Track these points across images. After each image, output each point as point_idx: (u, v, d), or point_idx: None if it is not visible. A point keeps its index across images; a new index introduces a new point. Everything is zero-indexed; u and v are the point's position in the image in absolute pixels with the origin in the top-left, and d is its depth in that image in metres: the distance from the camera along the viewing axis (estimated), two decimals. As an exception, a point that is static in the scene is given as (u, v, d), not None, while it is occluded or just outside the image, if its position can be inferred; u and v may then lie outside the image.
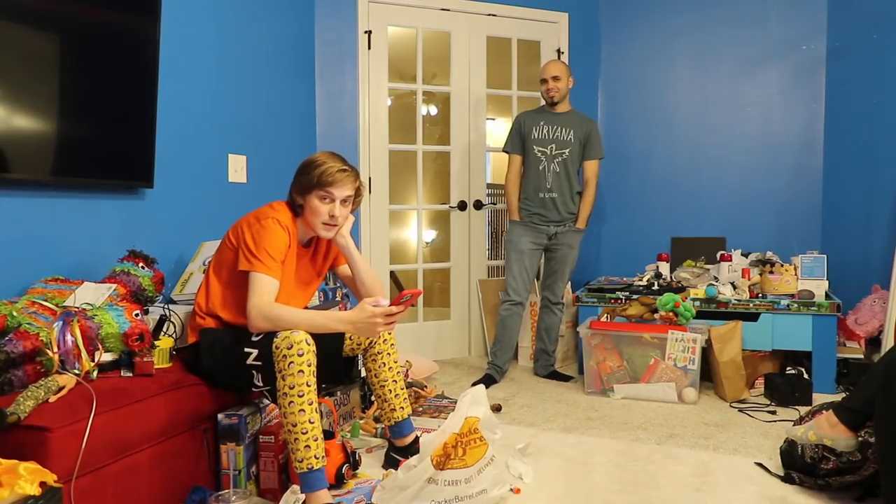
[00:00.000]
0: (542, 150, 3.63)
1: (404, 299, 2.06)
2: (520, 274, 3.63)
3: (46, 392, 1.63)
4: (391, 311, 2.05)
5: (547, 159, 3.63)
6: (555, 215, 3.64)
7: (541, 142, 3.63)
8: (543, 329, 3.80)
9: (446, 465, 1.91)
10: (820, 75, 4.21)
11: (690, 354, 3.20)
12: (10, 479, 1.29)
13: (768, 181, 4.33)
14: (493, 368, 3.66)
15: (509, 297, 3.64)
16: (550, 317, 3.77)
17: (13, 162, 2.06)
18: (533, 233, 3.64)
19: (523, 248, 3.63)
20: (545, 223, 3.64)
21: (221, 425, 2.10)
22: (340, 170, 2.17)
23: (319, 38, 3.88)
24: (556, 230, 3.65)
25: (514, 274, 3.63)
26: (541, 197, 3.63)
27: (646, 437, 2.74)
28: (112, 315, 1.95)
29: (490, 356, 3.72)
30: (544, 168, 3.63)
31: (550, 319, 3.77)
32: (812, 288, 3.41)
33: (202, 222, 2.94)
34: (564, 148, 3.63)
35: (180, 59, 2.78)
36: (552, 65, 3.66)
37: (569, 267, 3.73)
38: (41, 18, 2.11)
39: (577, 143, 3.65)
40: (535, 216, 3.64)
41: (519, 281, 3.63)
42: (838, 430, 2.02)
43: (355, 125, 3.97)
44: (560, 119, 3.65)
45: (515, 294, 3.63)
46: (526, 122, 3.68)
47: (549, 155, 3.63)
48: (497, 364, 3.67)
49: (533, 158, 3.64)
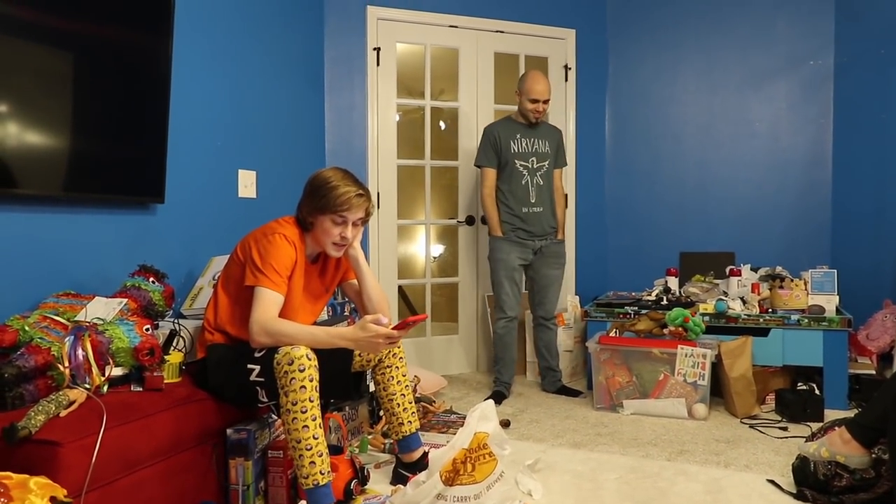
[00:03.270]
0: (523, 164, 3.58)
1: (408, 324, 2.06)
2: (511, 290, 3.59)
3: (57, 406, 1.64)
4: (392, 334, 2.04)
5: (529, 173, 3.59)
6: (539, 230, 3.61)
7: (522, 155, 3.58)
8: (543, 347, 3.75)
9: (455, 481, 1.90)
10: (828, 90, 4.21)
11: (700, 370, 3.18)
12: (20, 493, 1.30)
13: (777, 196, 4.32)
14: (502, 385, 3.64)
15: (505, 315, 3.61)
16: (547, 334, 3.74)
17: (26, 178, 2.09)
18: (519, 248, 3.60)
19: (513, 263, 3.59)
20: (530, 238, 3.60)
21: (230, 440, 2.10)
22: (358, 194, 2.16)
23: (329, 54, 3.92)
24: (541, 244, 3.63)
25: (507, 290, 3.59)
26: (525, 212, 3.58)
27: (656, 453, 2.72)
28: (123, 330, 1.96)
29: (496, 374, 3.70)
30: (527, 182, 3.59)
31: (548, 336, 3.74)
32: (822, 303, 3.39)
33: (212, 237, 2.95)
34: (544, 160, 3.63)
35: (191, 76, 2.81)
36: (545, 86, 3.52)
37: (559, 281, 3.71)
38: (54, 36, 2.14)
39: (552, 155, 3.66)
40: (519, 231, 3.58)
41: (512, 297, 3.60)
42: (851, 446, 2.00)
43: (364, 140, 3.99)
44: (537, 131, 3.63)
45: (510, 310, 3.60)
46: (501, 135, 3.58)
47: (532, 168, 3.60)
48: (505, 381, 3.65)
49: (515, 173, 3.58)
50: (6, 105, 2.00)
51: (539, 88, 3.53)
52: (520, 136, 3.60)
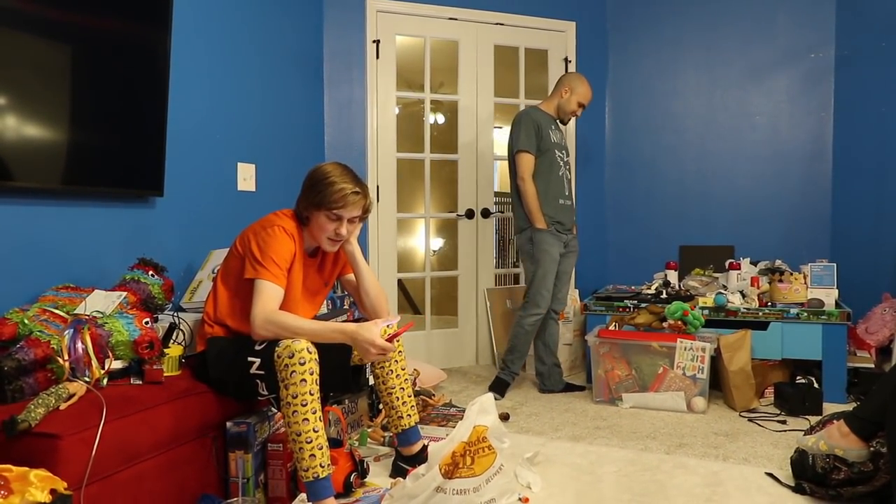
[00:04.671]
0: (560, 156, 3.52)
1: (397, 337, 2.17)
2: (550, 285, 3.46)
3: (57, 399, 1.64)
4: (386, 347, 2.07)
5: (563, 165, 3.54)
6: (569, 223, 3.56)
7: (558, 146, 3.51)
8: (550, 342, 3.62)
9: (455, 474, 1.90)
10: (828, 83, 4.20)
11: (699, 363, 3.18)
12: (20, 486, 1.30)
13: (777, 189, 4.32)
14: (509, 374, 3.52)
15: (539, 310, 3.46)
16: (553, 326, 3.64)
17: (25, 171, 2.08)
18: (558, 242, 3.48)
19: (556, 257, 3.46)
20: (564, 231, 3.52)
21: (230, 433, 2.10)
22: (354, 192, 2.15)
23: (328, 47, 3.91)
24: (568, 238, 3.58)
25: (547, 286, 3.45)
26: (560, 204, 3.49)
27: (655, 446, 2.73)
28: (122, 323, 1.96)
29: (507, 363, 3.54)
30: (563, 174, 3.52)
31: (554, 328, 3.64)
32: (822, 297, 3.39)
33: (211, 230, 2.95)
34: (568, 156, 3.63)
35: (190, 69, 2.80)
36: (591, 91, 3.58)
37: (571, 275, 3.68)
38: (53, 29, 2.13)
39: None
40: (556, 224, 3.48)
41: (549, 292, 3.47)
42: (850, 439, 2.00)
43: (363, 134, 3.98)
44: (560, 126, 3.64)
45: (545, 306, 3.47)
46: (541, 123, 3.47)
47: (564, 161, 3.56)
48: (514, 371, 3.53)
49: (554, 164, 3.47)
50: (5, 98, 1.99)
51: (591, 96, 3.58)
52: (553, 127, 3.53)
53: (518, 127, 3.48)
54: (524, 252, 3.54)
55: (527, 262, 3.53)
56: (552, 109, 3.59)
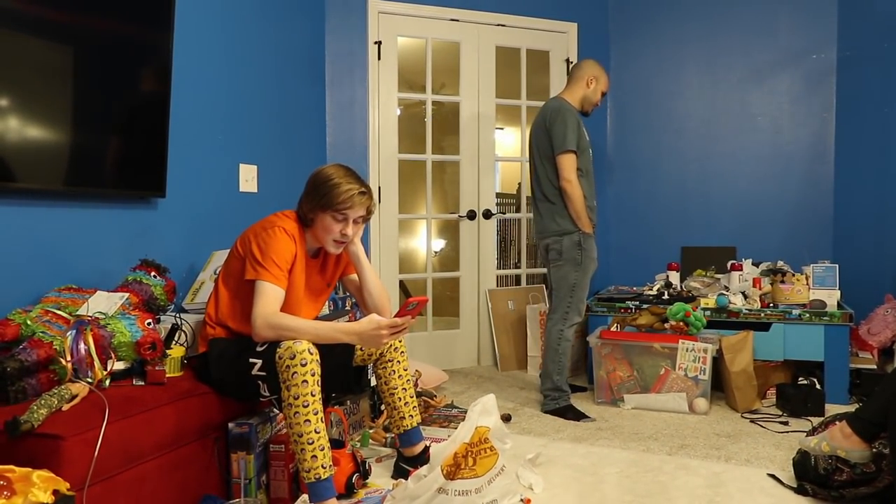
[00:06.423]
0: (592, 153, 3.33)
1: (410, 307, 2.06)
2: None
3: (59, 400, 1.64)
4: (395, 322, 2.05)
5: (593, 166, 3.34)
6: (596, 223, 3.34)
7: (590, 144, 3.30)
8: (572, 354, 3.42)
9: (456, 475, 1.90)
10: (830, 84, 4.20)
11: (701, 364, 3.18)
12: (23, 486, 1.30)
13: (779, 190, 4.31)
14: (567, 395, 3.25)
15: (580, 319, 3.25)
16: None
17: (27, 172, 2.08)
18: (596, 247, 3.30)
19: (597, 264, 3.30)
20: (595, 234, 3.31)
21: (232, 434, 2.11)
22: (360, 193, 2.15)
23: (330, 48, 3.91)
24: None
25: (586, 294, 3.26)
26: (594, 205, 3.29)
27: (657, 447, 2.73)
28: (125, 324, 1.96)
29: (559, 384, 3.21)
30: (594, 175, 3.33)
31: None
32: (824, 298, 3.39)
33: (213, 232, 2.95)
34: None
35: (192, 70, 2.80)
36: None
37: None
38: (55, 30, 2.13)
39: None
40: (594, 227, 3.27)
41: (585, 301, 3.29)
42: (852, 440, 2.00)
43: (365, 134, 3.99)
44: None
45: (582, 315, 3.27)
46: (579, 119, 3.21)
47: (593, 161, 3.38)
48: (567, 389, 3.26)
49: (590, 162, 3.26)
50: (6, 99, 2.00)
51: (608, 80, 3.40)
52: (583, 122, 3.28)
53: (563, 124, 3.13)
54: (568, 258, 3.20)
55: (567, 268, 3.20)
56: (576, 101, 3.29)
